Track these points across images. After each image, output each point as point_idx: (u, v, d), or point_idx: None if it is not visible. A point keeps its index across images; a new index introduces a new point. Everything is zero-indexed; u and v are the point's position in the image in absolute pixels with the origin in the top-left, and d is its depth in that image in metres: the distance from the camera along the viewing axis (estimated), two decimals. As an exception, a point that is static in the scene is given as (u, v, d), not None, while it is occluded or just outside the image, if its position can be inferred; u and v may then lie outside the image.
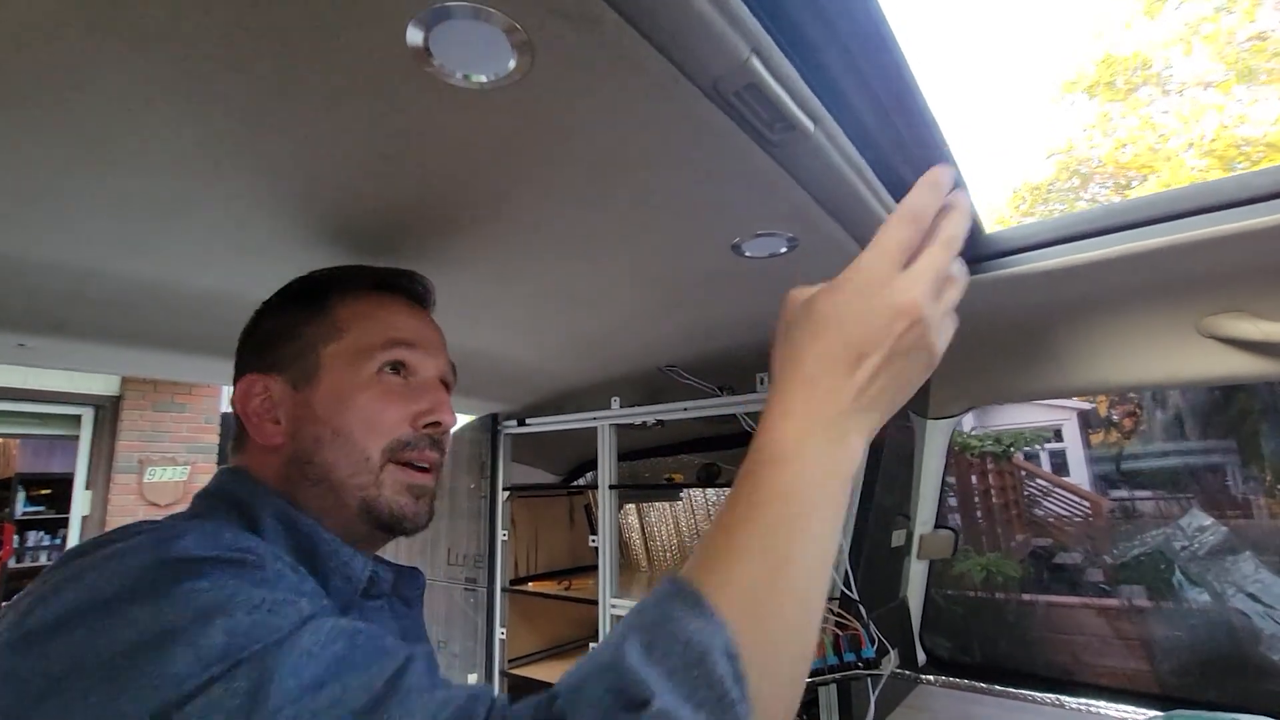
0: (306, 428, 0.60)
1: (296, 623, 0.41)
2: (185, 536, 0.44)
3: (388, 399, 0.62)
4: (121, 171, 0.60)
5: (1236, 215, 0.80)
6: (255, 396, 0.62)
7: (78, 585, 0.40)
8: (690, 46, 0.49)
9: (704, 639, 0.36)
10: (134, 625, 0.38)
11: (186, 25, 0.43)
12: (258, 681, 0.36)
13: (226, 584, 0.41)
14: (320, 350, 0.63)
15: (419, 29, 0.44)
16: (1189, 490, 5.99)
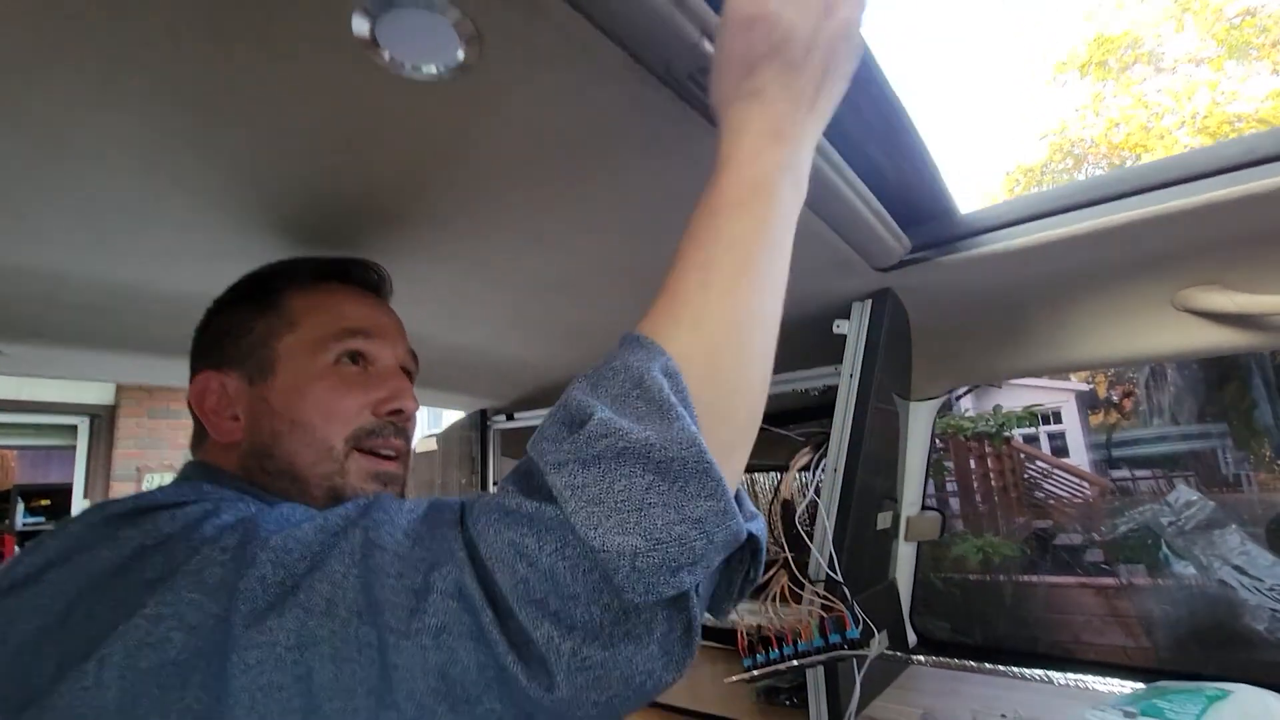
0: (264, 422, 0.60)
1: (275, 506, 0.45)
2: (154, 493, 0.47)
3: (347, 388, 0.62)
4: (81, 171, 0.59)
5: (1207, 186, 0.81)
6: (212, 394, 0.62)
7: (60, 535, 0.43)
8: (640, 32, 0.49)
9: (640, 364, 0.39)
10: (126, 543, 0.40)
11: (132, 19, 0.43)
12: (244, 533, 0.40)
13: (206, 506, 0.44)
14: (275, 344, 0.63)
15: (364, 19, 0.44)
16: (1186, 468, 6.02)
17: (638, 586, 0.34)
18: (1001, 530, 5.22)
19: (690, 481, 0.35)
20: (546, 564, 0.34)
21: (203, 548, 0.39)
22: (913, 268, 1.01)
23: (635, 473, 0.35)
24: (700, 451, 0.36)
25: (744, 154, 0.46)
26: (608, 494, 0.34)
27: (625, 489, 0.34)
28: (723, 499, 0.36)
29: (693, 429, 0.37)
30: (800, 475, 1.18)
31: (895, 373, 1.19)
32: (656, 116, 0.59)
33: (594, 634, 0.34)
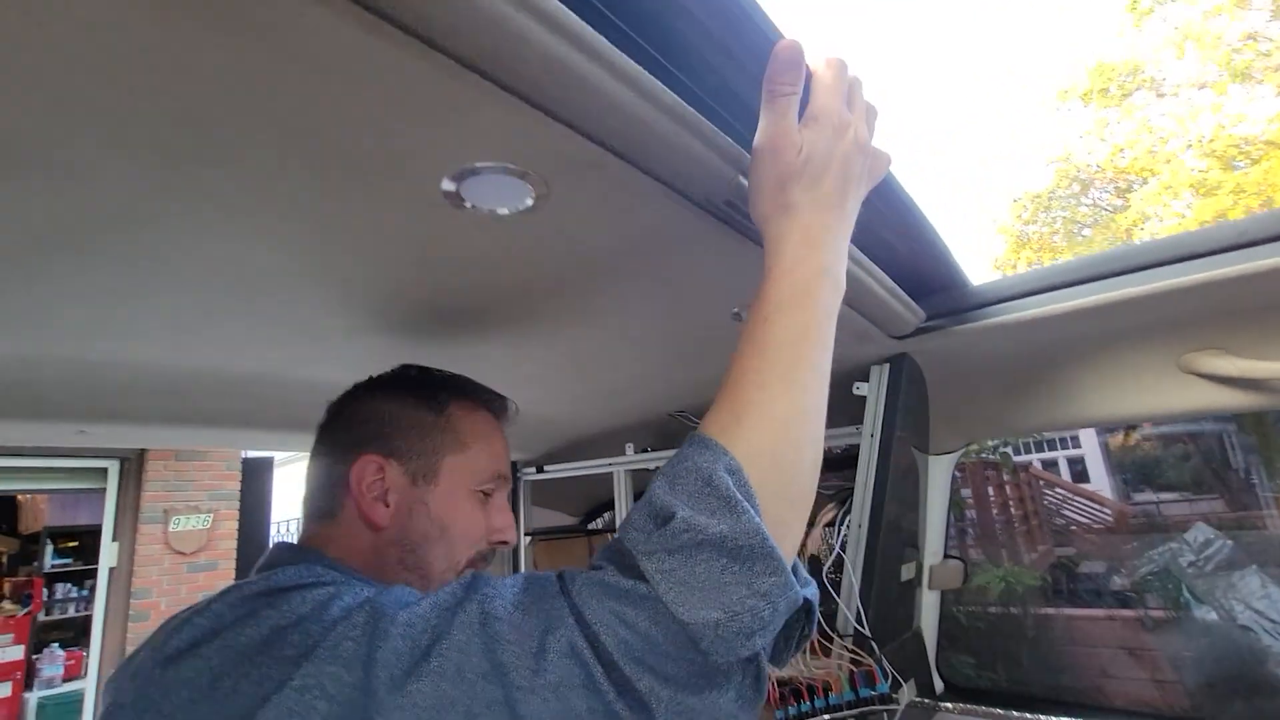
0: (419, 521, 0.67)
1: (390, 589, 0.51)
2: (285, 573, 0.54)
3: (481, 514, 0.72)
4: (182, 286, 0.67)
5: (1205, 265, 0.86)
6: (370, 476, 0.67)
7: (206, 613, 0.49)
8: (684, 174, 0.57)
9: (708, 464, 0.45)
10: (265, 622, 0.47)
11: (248, 170, 0.50)
12: (371, 612, 0.46)
13: (330, 589, 0.50)
14: (444, 457, 0.70)
15: (452, 181, 0.52)
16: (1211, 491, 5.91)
17: (720, 649, 0.41)
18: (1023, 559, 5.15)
19: (757, 563, 0.42)
20: (644, 629, 0.41)
21: (336, 626, 0.45)
22: (927, 335, 1.07)
23: (713, 558, 0.42)
24: (764, 539, 0.43)
25: (785, 263, 0.53)
26: (691, 576, 0.42)
27: (705, 571, 0.42)
28: (783, 574, 0.43)
29: (757, 520, 0.44)
30: (826, 530, 1.22)
31: (914, 429, 1.24)
32: (693, 231, 0.66)
33: (686, 685, 0.42)
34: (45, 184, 0.47)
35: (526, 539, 1.82)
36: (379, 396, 0.73)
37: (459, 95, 0.42)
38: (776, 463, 0.48)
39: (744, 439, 0.47)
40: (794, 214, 0.54)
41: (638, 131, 0.50)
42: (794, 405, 0.49)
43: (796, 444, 0.49)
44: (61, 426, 0.99)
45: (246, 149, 0.46)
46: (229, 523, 5.32)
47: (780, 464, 0.48)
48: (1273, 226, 0.81)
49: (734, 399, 0.49)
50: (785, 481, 0.48)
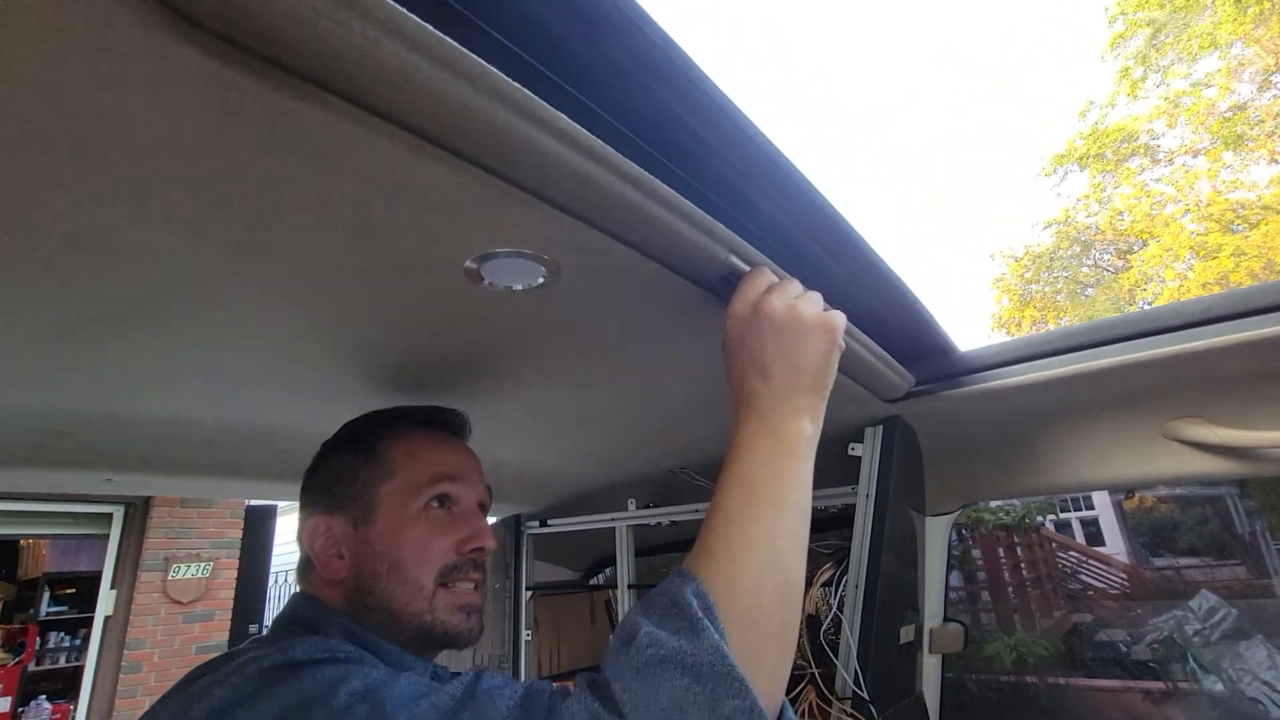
0: (367, 563, 0.68)
1: (396, 678, 0.52)
2: (297, 647, 0.56)
3: (435, 530, 0.70)
4: (226, 353, 0.73)
5: (1180, 338, 0.91)
6: (320, 536, 0.70)
7: (225, 685, 0.51)
8: (680, 255, 0.63)
9: (676, 589, 0.49)
10: (277, 700, 0.49)
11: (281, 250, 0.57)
12: (372, 707, 0.48)
13: (340, 668, 0.52)
14: (376, 491, 0.70)
15: (473, 263, 0.58)
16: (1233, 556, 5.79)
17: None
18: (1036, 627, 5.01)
19: (719, 684, 0.44)
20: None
21: (341, 717, 0.47)
22: (918, 399, 1.11)
23: (675, 677, 0.44)
24: (723, 657, 0.45)
25: (743, 449, 0.59)
26: (654, 698, 0.43)
27: (668, 693, 0.43)
28: (749, 700, 0.44)
29: (716, 639, 0.46)
30: (823, 589, 1.24)
31: (909, 490, 1.27)
32: (692, 305, 0.72)
33: None
34: (120, 265, 0.53)
35: (528, 594, 1.82)
36: (324, 458, 0.76)
37: (481, 193, 0.48)
38: (744, 592, 0.50)
39: (712, 568, 0.51)
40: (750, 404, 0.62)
41: (639, 222, 0.56)
42: (762, 541, 0.53)
43: (763, 576, 0.52)
44: (91, 475, 1.04)
45: (297, 242, 0.53)
46: (228, 571, 5.27)
47: (747, 594, 0.50)
48: (1237, 303, 0.86)
49: (707, 532, 0.55)
50: (754, 611, 0.50)
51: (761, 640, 0.49)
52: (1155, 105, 10.77)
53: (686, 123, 0.57)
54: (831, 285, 0.84)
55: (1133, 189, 11.13)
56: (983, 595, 5.55)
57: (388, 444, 0.74)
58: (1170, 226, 10.35)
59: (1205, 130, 10.29)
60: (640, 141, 0.56)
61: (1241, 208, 9.79)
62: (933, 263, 19.76)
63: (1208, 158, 10.31)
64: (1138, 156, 11.14)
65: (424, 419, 0.79)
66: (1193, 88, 10.42)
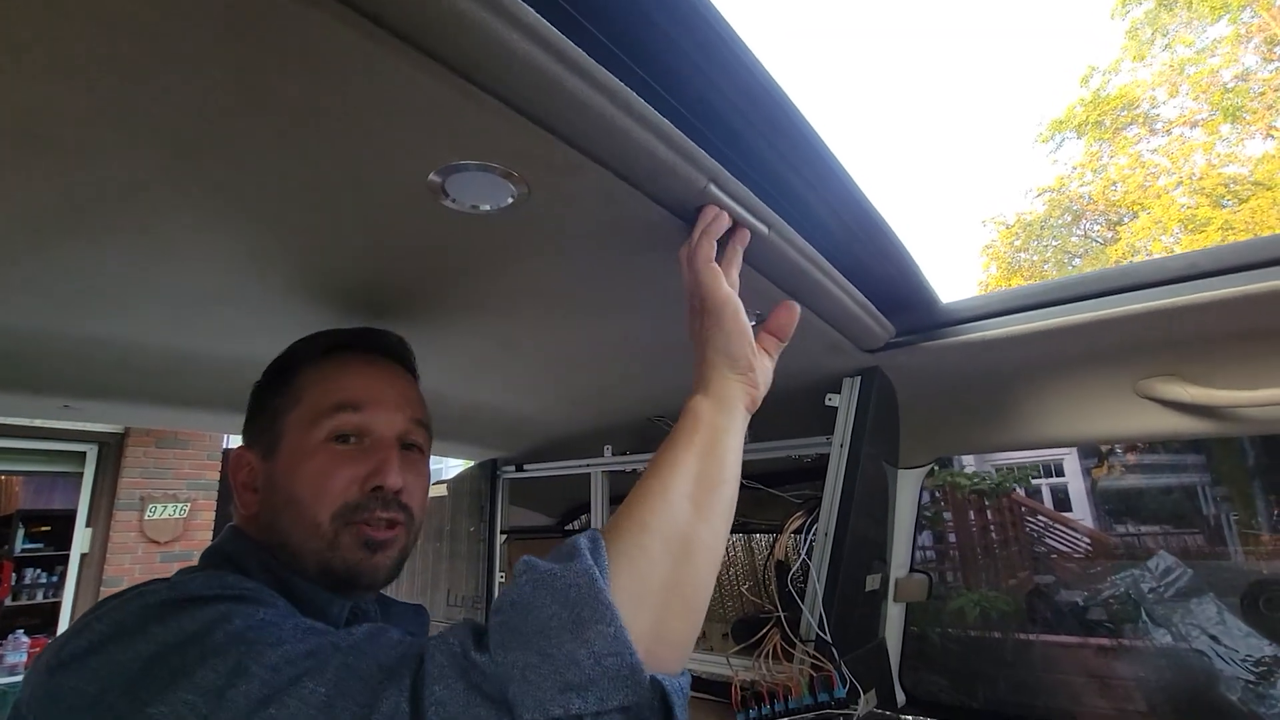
0: (270, 497, 0.65)
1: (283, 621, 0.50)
2: (192, 582, 0.54)
3: (335, 465, 0.64)
4: (179, 269, 0.70)
5: (1157, 294, 0.91)
6: (242, 469, 0.68)
7: (105, 620, 0.50)
8: (659, 181, 0.60)
9: (577, 537, 0.49)
10: (153, 640, 0.47)
11: (245, 166, 0.53)
12: (244, 648, 0.45)
13: (225, 607, 0.50)
14: (282, 421, 0.66)
15: (437, 176, 0.55)
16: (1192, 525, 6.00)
17: (528, 702, 0.40)
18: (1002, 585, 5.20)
19: (584, 608, 0.42)
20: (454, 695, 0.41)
21: (209, 658, 0.44)
22: (897, 350, 1.11)
23: (545, 602, 0.43)
24: (592, 580, 0.44)
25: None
26: (522, 626, 0.42)
27: (535, 618, 0.42)
28: (613, 625, 0.42)
29: (588, 563, 0.45)
30: (794, 537, 1.25)
31: (883, 442, 1.27)
32: (669, 237, 0.69)
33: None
34: (53, 163, 0.50)
35: (502, 537, 1.83)
36: (253, 391, 0.73)
37: (446, 97, 0.45)
38: (628, 535, 0.50)
39: (614, 519, 0.52)
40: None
41: (615, 139, 0.53)
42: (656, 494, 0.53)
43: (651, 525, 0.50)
44: (47, 401, 1.01)
45: (246, 140, 0.49)
46: (206, 513, 5.28)
47: (632, 539, 0.49)
48: (1221, 259, 0.85)
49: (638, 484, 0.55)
50: (639, 558, 0.48)
51: (645, 588, 0.47)
52: (1159, 72, 10.64)
53: (668, 33, 0.54)
54: (815, 227, 0.81)
55: (1128, 159, 11.08)
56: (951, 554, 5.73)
57: (301, 369, 0.70)
58: (1162, 199, 10.36)
59: (1206, 101, 10.21)
60: (616, 50, 0.52)
61: (1234, 182, 9.80)
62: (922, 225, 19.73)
63: (1205, 129, 10.26)
64: (1136, 125, 11.05)
65: (340, 341, 0.72)
66: (1197, 55, 10.29)
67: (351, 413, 0.66)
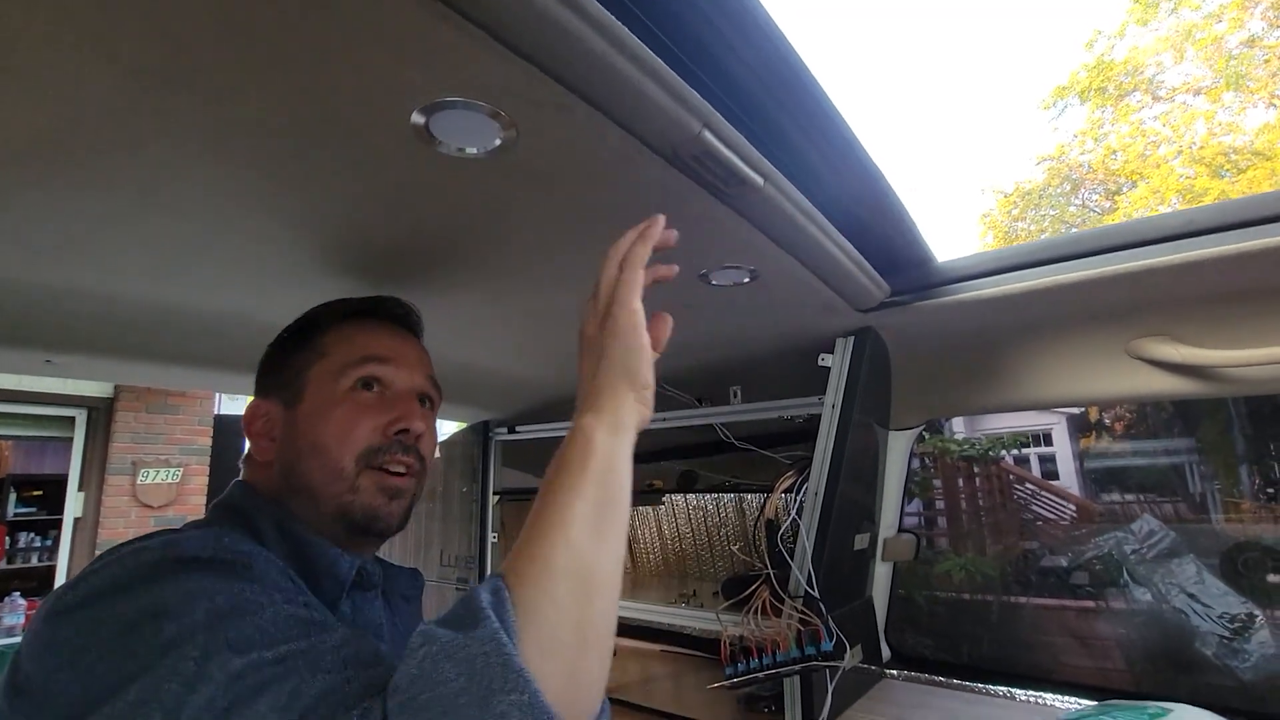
0: (291, 443, 0.68)
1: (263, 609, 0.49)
2: (190, 540, 0.54)
3: (360, 412, 0.68)
4: (159, 216, 0.68)
5: (1151, 252, 0.90)
6: (258, 419, 0.71)
7: (101, 574, 0.51)
8: (650, 124, 0.58)
9: (478, 588, 0.45)
10: (135, 603, 0.48)
11: (226, 104, 0.51)
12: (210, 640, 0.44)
13: (212, 580, 0.50)
14: (306, 373, 0.70)
15: (421, 115, 0.53)
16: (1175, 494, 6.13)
17: None
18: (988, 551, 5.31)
19: (493, 679, 0.38)
20: None
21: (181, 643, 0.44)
22: (892, 309, 1.10)
23: (450, 676, 0.39)
24: (499, 646, 0.40)
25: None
26: (428, 701, 0.38)
27: (442, 694, 0.38)
28: (526, 692, 0.38)
29: (495, 628, 0.40)
30: (784, 496, 1.26)
31: (875, 403, 1.28)
32: (662, 188, 0.68)
33: None
34: (22, 95, 0.47)
35: (495, 498, 1.84)
36: (270, 347, 0.75)
37: (429, 26, 0.43)
38: (534, 581, 0.45)
39: (516, 561, 0.47)
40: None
41: (605, 76, 0.51)
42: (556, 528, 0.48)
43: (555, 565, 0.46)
44: (28, 354, 0.99)
45: (223, 74, 0.47)
46: (199, 478, 5.28)
47: (538, 584, 0.45)
48: (1219, 216, 0.84)
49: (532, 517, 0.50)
50: (545, 603, 0.44)
51: (555, 638, 0.43)
52: (1164, 37, 10.46)
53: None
54: (812, 180, 0.79)
55: (1130, 127, 10.97)
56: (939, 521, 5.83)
57: (325, 329, 0.74)
58: (1161, 168, 10.29)
59: (1210, 67, 10.06)
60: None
61: (1233, 152, 9.73)
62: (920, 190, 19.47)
63: (1208, 97, 10.14)
64: (1139, 92, 10.90)
65: (363, 308, 0.77)
66: (1204, 20, 10.11)
67: (378, 364, 0.71)
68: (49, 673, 0.47)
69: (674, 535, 1.97)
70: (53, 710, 0.46)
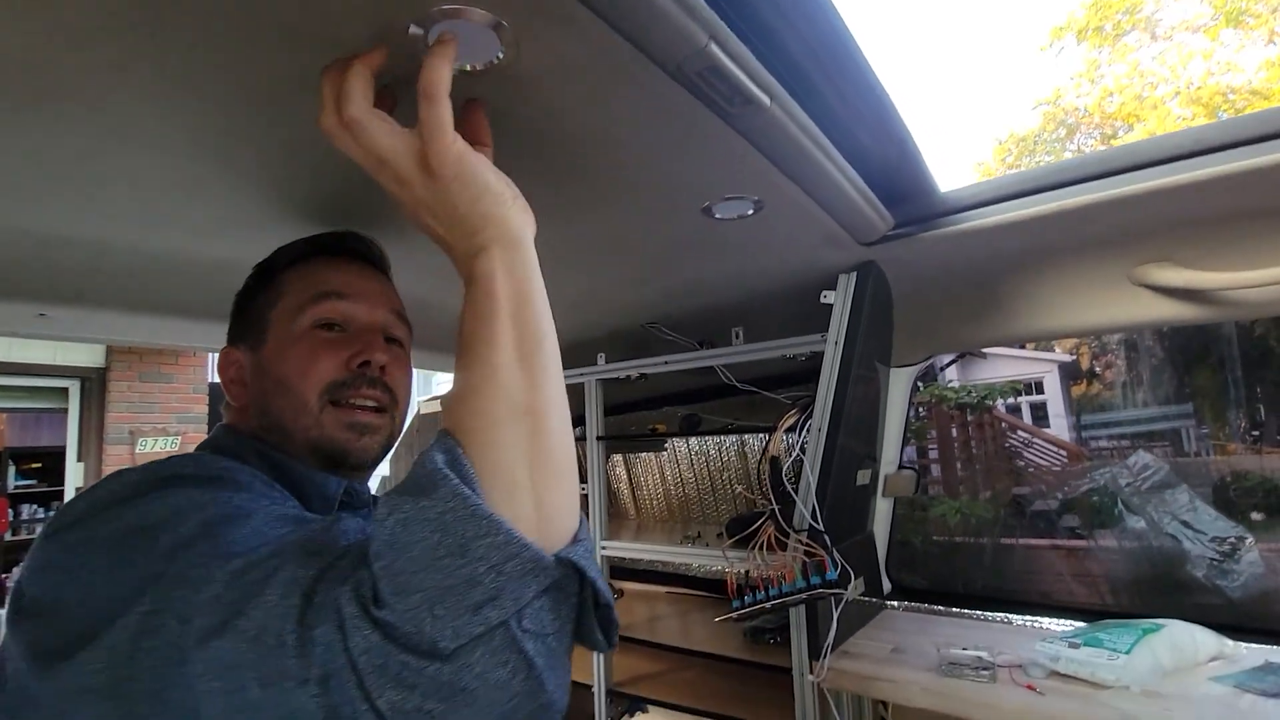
0: (258, 384, 0.69)
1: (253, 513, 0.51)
2: (172, 461, 0.56)
3: (321, 347, 0.68)
4: (143, 152, 0.66)
5: (1157, 173, 0.89)
6: (230, 366, 0.72)
7: (93, 493, 0.53)
8: (655, 35, 0.56)
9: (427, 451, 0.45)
10: (124, 519, 0.49)
11: (207, 31, 0.49)
12: (211, 545, 0.46)
13: (202, 492, 0.52)
14: (268, 314, 0.70)
15: (419, 28, 0.50)
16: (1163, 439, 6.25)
17: (446, 634, 0.39)
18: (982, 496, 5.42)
19: (465, 528, 0.40)
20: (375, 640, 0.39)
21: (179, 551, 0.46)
22: (895, 242, 1.09)
23: (423, 536, 0.40)
24: (463, 499, 0.41)
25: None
26: (408, 564, 0.40)
27: (420, 554, 0.40)
28: (500, 533, 0.41)
29: (454, 483, 0.42)
30: (787, 435, 1.27)
31: (877, 340, 1.28)
32: (665, 108, 0.66)
33: (431, 690, 0.39)
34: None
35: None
36: (238, 295, 0.75)
37: None
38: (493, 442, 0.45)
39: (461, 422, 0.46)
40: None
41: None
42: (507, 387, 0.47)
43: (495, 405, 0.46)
44: (20, 308, 0.97)
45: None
46: (199, 445, 5.31)
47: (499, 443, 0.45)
48: (1229, 133, 0.83)
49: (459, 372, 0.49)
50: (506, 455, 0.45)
51: (513, 478, 0.45)
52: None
53: None
54: (817, 103, 0.77)
55: (1127, 67, 10.76)
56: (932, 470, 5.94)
57: (285, 269, 0.73)
58: (1158, 110, 10.14)
59: (1209, 3, 9.82)
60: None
61: (1231, 92, 9.58)
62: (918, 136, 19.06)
63: (1206, 35, 9.92)
64: (1137, 30, 10.66)
65: (322, 245, 0.76)
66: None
67: (336, 300, 0.70)
68: (52, 590, 0.48)
69: (676, 480, 1.99)
70: (62, 627, 0.46)
